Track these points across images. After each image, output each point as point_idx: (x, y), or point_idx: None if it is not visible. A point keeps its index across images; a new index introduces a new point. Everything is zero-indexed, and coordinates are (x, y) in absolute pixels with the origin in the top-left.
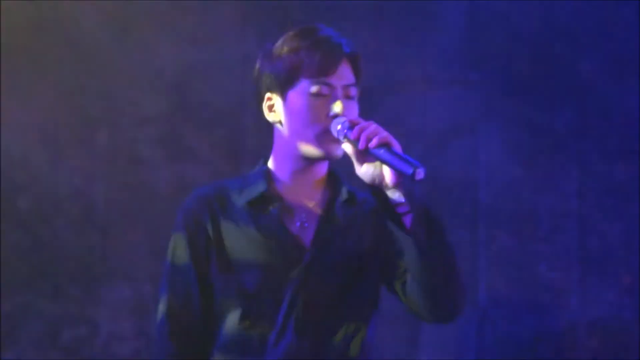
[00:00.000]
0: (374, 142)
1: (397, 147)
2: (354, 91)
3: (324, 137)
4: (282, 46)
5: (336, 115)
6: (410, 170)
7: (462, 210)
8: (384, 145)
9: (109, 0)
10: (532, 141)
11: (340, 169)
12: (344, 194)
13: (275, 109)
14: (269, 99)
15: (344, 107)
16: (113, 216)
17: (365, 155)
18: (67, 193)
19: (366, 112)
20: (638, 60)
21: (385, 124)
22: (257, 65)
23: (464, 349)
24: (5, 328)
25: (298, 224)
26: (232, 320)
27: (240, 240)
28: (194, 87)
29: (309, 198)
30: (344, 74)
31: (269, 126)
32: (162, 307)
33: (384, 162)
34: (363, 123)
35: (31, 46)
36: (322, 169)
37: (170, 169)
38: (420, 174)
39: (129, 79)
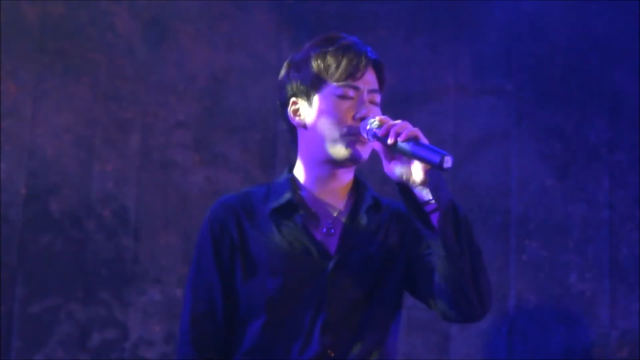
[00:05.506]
0: (403, 135)
1: (424, 140)
2: (378, 97)
3: (349, 138)
4: (307, 52)
5: (364, 117)
6: (438, 159)
7: (493, 219)
8: (412, 138)
9: (144, 5)
10: (565, 151)
11: (366, 176)
12: (368, 200)
13: (300, 113)
14: (294, 103)
15: (369, 111)
16: (145, 220)
17: (393, 151)
18: (99, 196)
19: (400, 120)
20: None
21: None
22: (282, 75)
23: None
24: (35, 330)
25: (324, 230)
26: (256, 327)
27: (265, 248)
28: (227, 92)
29: (335, 205)
30: (370, 80)
31: (293, 133)
32: (185, 313)
33: (412, 154)
34: (391, 121)
35: (66, 50)
36: (348, 176)
37: (202, 174)
38: (448, 162)
39: (162, 83)
